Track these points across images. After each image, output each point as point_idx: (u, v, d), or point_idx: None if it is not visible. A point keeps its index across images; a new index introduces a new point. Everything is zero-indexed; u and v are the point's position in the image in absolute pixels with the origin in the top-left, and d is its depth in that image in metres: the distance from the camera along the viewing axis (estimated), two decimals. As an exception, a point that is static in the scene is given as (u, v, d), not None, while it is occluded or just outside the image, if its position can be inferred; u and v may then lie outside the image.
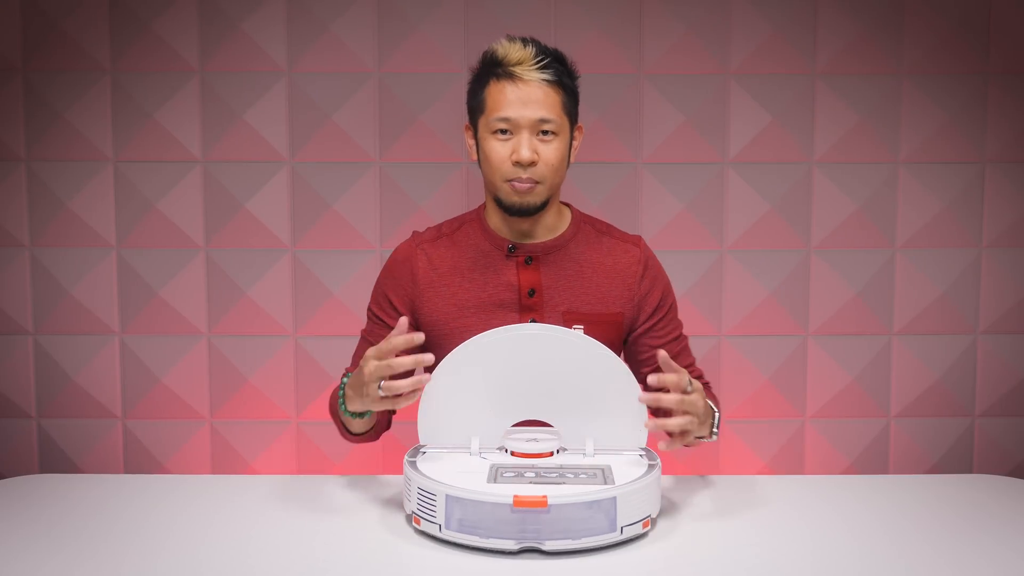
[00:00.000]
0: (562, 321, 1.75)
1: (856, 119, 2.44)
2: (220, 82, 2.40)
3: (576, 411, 1.53)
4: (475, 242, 1.80)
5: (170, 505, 1.57)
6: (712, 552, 1.38)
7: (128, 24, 2.38)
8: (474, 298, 1.76)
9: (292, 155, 2.42)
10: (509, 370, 1.53)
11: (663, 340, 1.82)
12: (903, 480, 1.78)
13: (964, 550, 1.39)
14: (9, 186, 2.42)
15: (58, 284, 2.44)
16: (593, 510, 1.34)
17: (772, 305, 2.47)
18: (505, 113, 1.68)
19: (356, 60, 2.40)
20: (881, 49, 2.42)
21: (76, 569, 1.32)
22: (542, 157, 1.68)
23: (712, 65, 2.42)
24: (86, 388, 2.47)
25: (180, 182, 2.42)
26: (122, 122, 2.40)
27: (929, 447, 2.53)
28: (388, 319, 1.81)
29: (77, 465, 2.49)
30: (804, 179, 2.45)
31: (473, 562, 1.33)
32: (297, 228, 2.44)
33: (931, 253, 2.48)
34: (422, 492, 1.39)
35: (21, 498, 1.60)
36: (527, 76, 1.67)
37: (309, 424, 2.49)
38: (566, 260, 1.78)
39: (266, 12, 2.39)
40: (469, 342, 1.55)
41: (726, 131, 2.43)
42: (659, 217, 2.44)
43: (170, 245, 2.43)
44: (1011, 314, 2.50)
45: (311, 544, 1.40)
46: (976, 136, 2.45)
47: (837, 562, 1.35)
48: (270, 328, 2.46)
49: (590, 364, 1.53)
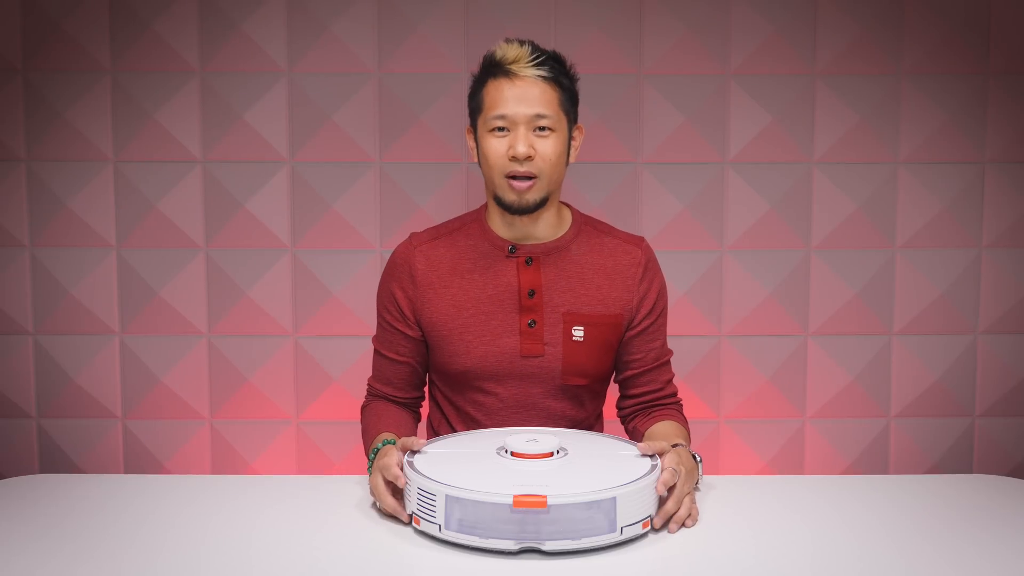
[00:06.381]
0: (562, 322, 1.75)
1: (856, 119, 2.44)
2: (220, 82, 2.40)
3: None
4: (475, 243, 1.80)
5: (170, 505, 1.57)
6: (712, 552, 1.38)
7: (128, 24, 2.38)
8: (474, 298, 1.76)
9: (292, 155, 2.42)
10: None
11: (652, 343, 1.82)
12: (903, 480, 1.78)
13: (964, 550, 1.39)
14: (9, 186, 2.42)
15: (58, 284, 2.44)
16: (593, 510, 1.34)
17: (772, 305, 2.47)
18: (502, 110, 1.69)
19: (356, 60, 2.40)
20: (881, 49, 2.42)
21: (76, 569, 1.32)
22: (539, 152, 1.68)
23: (712, 65, 2.42)
24: (86, 388, 2.47)
25: (180, 182, 2.42)
26: (122, 122, 2.40)
27: (929, 447, 2.53)
28: (396, 323, 1.81)
29: (77, 465, 2.49)
30: (804, 179, 2.45)
31: (473, 562, 1.33)
32: (297, 228, 2.44)
33: (931, 253, 2.48)
34: (422, 492, 1.39)
35: (21, 498, 1.60)
36: (523, 73, 1.69)
37: (309, 424, 2.49)
38: (566, 261, 1.78)
39: (266, 12, 2.39)
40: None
41: (726, 131, 2.43)
42: (659, 217, 2.44)
43: (170, 245, 2.43)
44: (1011, 314, 2.50)
45: (311, 544, 1.40)
46: (976, 136, 2.45)
47: (837, 562, 1.35)
48: (270, 328, 2.46)
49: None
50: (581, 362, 1.77)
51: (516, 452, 1.47)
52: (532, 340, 1.75)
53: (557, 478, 1.40)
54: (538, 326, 1.75)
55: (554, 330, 1.75)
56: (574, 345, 1.76)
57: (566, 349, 1.75)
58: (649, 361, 1.82)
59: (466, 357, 1.76)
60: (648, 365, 1.82)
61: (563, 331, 1.75)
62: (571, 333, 1.76)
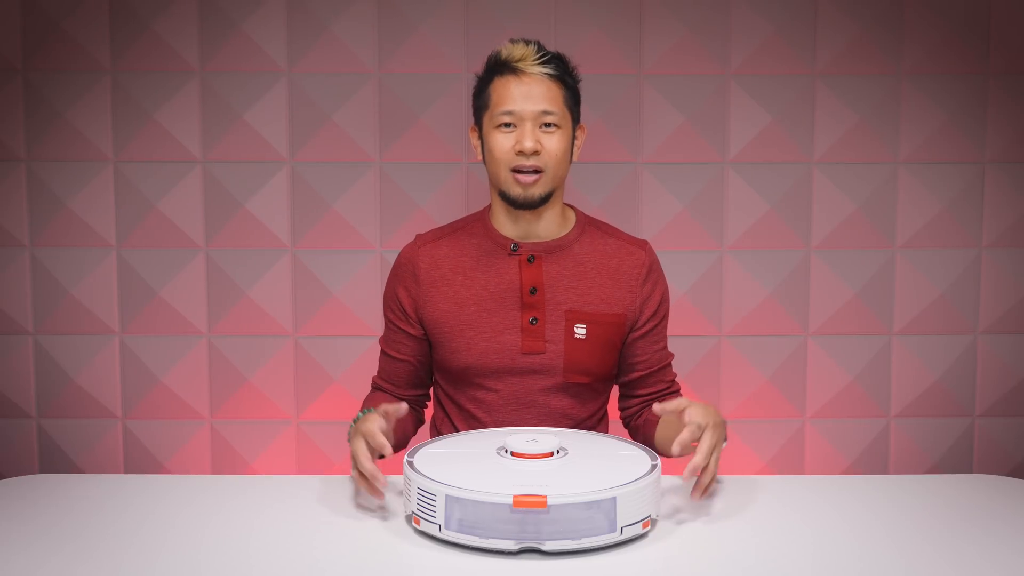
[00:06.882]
0: (564, 319, 1.76)
1: (856, 119, 2.44)
2: (220, 82, 2.40)
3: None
4: (478, 241, 1.81)
5: (170, 505, 1.57)
6: (712, 552, 1.38)
7: (128, 24, 2.38)
8: (476, 295, 1.78)
9: (292, 155, 2.42)
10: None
11: (656, 345, 1.83)
12: (903, 480, 1.77)
13: (964, 550, 1.39)
14: (9, 186, 2.41)
15: (58, 284, 2.44)
16: (593, 510, 1.34)
17: (772, 305, 2.47)
18: (509, 107, 1.71)
19: (356, 60, 2.40)
20: (881, 49, 2.42)
21: (76, 569, 1.32)
22: (545, 147, 1.71)
23: (712, 65, 2.42)
24: (86, 388, 2.47)
25: (180, 182, 2.42)
26: (122, 122, 2.40)
27: (929, 447, 2.53)
28: (399, 322, 1.84)
29: (77, 465, 2.49)
30: (804, 179, 2.45)
31: (473, 562, 1.33)
32: (297, 228, 2.44)
33: (931, 253, 2.48)
34: (422, 492, 1.39)
35: (21, 498, 1.60)
36: (530, 70, 1.72)
37: (309, 424, 2.49)
38: (569, 260, 1.79)
39: (266, 12, 2.39)
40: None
41: (726, 131, 2.43)
42: (659, 217, 2.44)
43: (170, 245, 2.43)
44: (1011, 314, 2.50)
45: (311, 544, 1.40)
46: (976, 136, 2.45)
47: (837, 562, 1.35)
48: (270, 328, 2.46)
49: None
50: (583, 360, 1.77)
51: (516, 452, 1.47)
52: (533, 337, 1.76)
53: (557, 478, 1.40)
54: (540, 323, 1.76)
55: (556, 327, 1.76)
56: (576, 343, 1.76)
57: (567, 347, 1.76)
58: (655, 363, 1.84)
59: (467, 353, 1.76)
60: (654, 366, 1.84)
61: (565, 329, 1.76)
62: (573, 331, 1.76)
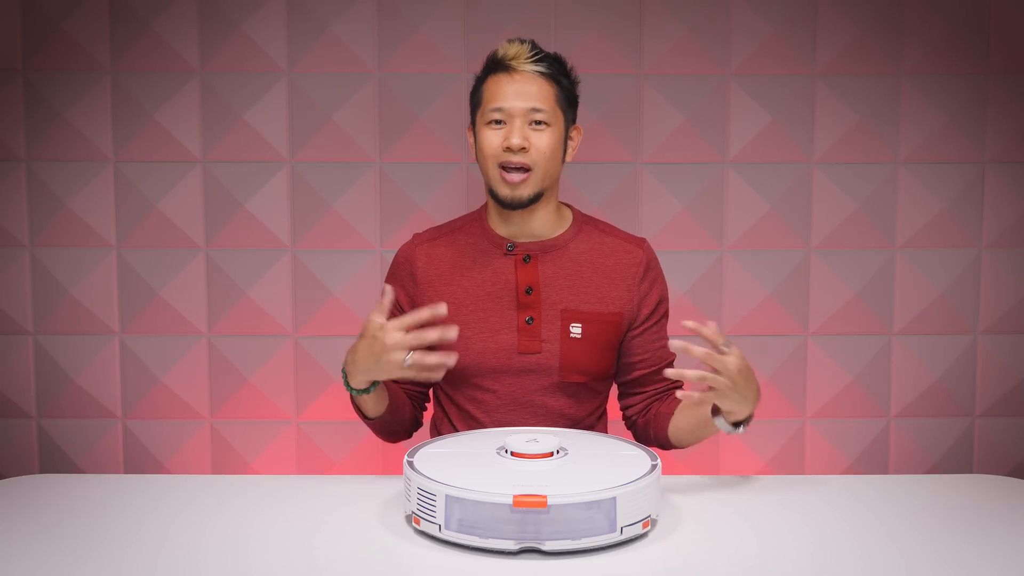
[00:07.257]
0: (560, 319, 1.76)
1: (856, 119, 2.44)
2: (220, 82, 2.40)
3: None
4: (475, 240, 1.82)
5: (170, 505, 1.57)
6: (712, 552, 1.38)
7: (128, 24, 2.38)
8: (472, 295, 1.78)
9: (292, 155, 2.42)
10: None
11: (655, 345, 1.83)
12: (903, 480, 1.78)
13: (964, 550, 1.39)
14: (9, 186, 2.41)
15: (58, 284, 2.44)
16: (593, 510, 1.34)
17: (772, 305, 2.47)
18: (499, 103, 1.72)
19: (356, 60, 2.40)
20: (881, 49, 2.42)
21: (76, 569, 1.32)
22: (533, 144, 1.71)
23: (712, 65, 2.42)
24: (86, 388, 2.47)
25: (180, 182, 2.42)
26: (122, 122, 2.40)
27: (929, 447, 2.53)
28: None
29: (77, 465, 2.49)
30: (804, 179, 2.45)
31: (473, 562, 1.33)
32: (297, 228, 2.44)
33: (931, 253, 2.48)
34: (422, 492, 1.39)
35: (21, 498, 1.60)
36: (521, 68, 1.73)
37: (309, 424, 2.49)
38: (565, 259, 1.79)
39: (266, 12, 2.39)
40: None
41: (726, 131, 2.43)
42: (659, 217, 2.44)
43: (170, 245, 2.43)
44: (1011, 314, 2.50)
45: (311, 544, 1.40)
46: (976, 136, 2.45)
47: (837, 562, 1.35)
48: (270, 328, 2.46)
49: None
50: (579, 359, 1.77)
51: (516, 452, 1.47)
52: (529, 337, 1.76)
53: (557, 478, 1.40)
54: (536, 323, 1.76)
55: (552, 327, 1.76)
56: (572, 342, 1.76)
57: (564, 346, 1.76)
58: (655, 361, 1.83)
59: (464, 353, 1.76)
60: (656, 364, 1.83)
61: (561, 328, 1.76)
62: (569, 330, 1.76)
